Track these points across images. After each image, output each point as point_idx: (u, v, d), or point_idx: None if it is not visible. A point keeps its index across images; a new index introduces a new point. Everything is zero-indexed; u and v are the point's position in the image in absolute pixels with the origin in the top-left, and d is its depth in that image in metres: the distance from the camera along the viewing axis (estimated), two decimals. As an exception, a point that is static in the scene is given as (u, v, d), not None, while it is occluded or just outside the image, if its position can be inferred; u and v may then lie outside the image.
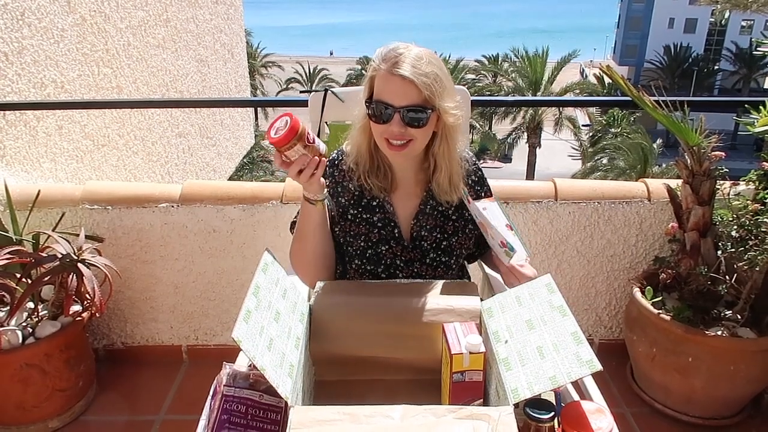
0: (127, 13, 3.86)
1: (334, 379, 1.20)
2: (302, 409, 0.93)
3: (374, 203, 1.41)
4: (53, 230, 2.11)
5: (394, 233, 1.41)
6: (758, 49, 2.16)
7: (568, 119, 25.35)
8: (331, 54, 65.44)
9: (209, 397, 1.04)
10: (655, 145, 19.83)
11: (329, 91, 1.86)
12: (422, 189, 1.42)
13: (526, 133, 25.58)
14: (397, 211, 1.42)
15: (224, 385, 1.02)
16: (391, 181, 1.40)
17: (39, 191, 2.19)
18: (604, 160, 22.39)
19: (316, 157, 1.20)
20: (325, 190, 1.32)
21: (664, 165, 19.48)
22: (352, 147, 1.40)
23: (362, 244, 1.42)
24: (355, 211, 1.42)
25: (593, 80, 31.02)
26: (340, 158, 1.44)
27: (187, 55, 4.96)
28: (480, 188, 1.48)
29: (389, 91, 1.26)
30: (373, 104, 1.28)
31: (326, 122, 1.87)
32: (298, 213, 1.45)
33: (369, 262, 1.42)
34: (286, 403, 0.94)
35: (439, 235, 1.42)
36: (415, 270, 1.42)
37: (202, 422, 1.01)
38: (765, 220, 1.89)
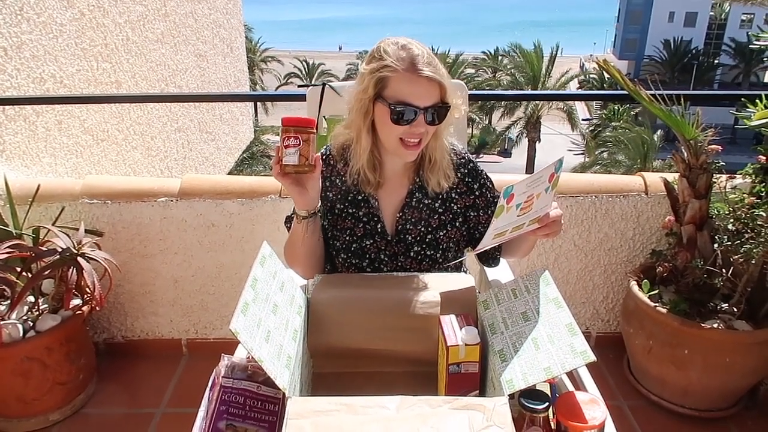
0: (126, 7, 3.86)
1: (331, 371, 1.22)
2: (299, 400, 0.94)
3: (360, 198, 1.42)
4: (53, 224, 2.12)
5: (377, 228, 1.41)
6: (755, 42, 2.16)
7: (566, 113, 25.34)
8: (340, 49, 63.65)
9: (207, 389, 1.05)
10: (655, 138, 19.81)
11: (327, 86, 1.86)
12: (409, 182, 1.42)
13: (525, 128, 25.59)
14: (382, 206, 1.42)
15: (222, 377, 1.03)
16: (379, 176, 1.40)
17: (39, 186, 2.20)
18: (604, 154, 22.39)
19: (304, 161, 1.19)
20: (316, 208, 1.32)
21: (666, 159, 19.48)
22: (348, 142, 1.40)
23: (348, 238, 1.42)
24: (342, 206, 1.43)
25: (594, 75, 31.01)
26: (328, 153, 1.45)
27: (186, 50, 4.95)
28: (472, 181, 1.45)
29: (415, 93, 1.25)
30: (396, 107, 1.25)
31: (324, 116, 1.88)
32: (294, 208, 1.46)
33: (354, 256, 1.42)
34: (283, 394, 0.95)
35: (423, 229, 1.42)
36: (400, 264, 1.42)
37: (201, 413, 1.02)
38: (761, 213, 1.90)
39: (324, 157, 1.45)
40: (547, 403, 0.94)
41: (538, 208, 1.17)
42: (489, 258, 1.52)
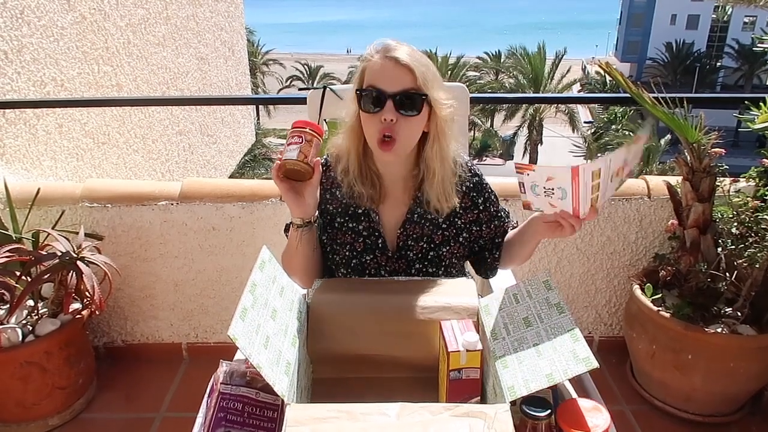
0: (127, 11, 3.86)
1: (332, 376, 1.20)
2: (298, 407, 0.93)
3: (360, 211, 1.39)
4: (53, 228, 2.11)
5: (378, 243, 1.39)
6: (759, 45, 2.14)
7: (569, 116, 25.35)
8: (348, 52, 62.51)
9: (206, 395, 1.04)
10: (662, 142, 19.75)
11: (328, 89, 1.85)
12: (410, 197, 1.38)
13: (527, 130, 25.62)
14: (383, 221, 1.39)
15: (221, 383, 1.02)
16: (379, 190, 1.37)
17: (39, 189, 2.19)
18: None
19: (303, 158, 1.19)
20: (312, 218, 1.31)
21: (668, 162, 19.42)
22: (341, 153, 1.38)
23: (347, 253, 1.40)
24: (342, 220, 1.40)
25: (596, 77, 31.03)
26: (328, 165, 1.43)
27: (188, 53, 4.95)
28: (477, 195, 1.42)
29: (382, 76, 1.23)
30: (364, 92, 1.24)
31: (325, 119, 1.87)
32: None
33: (354, 271, 1.40)
34: (282, 400, 0.94)
35: (425, 245, 1.38)
36: None
37: (199, 420, 1.01)
38: (765, 217, 1.89)
39: (323, 167, 1.41)
40: (549, 410, 0.92)
41: (606, 188, 1.16)
42: (487, 269, 1.50)
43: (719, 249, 2.01)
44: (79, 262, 2.00)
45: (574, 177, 1.08)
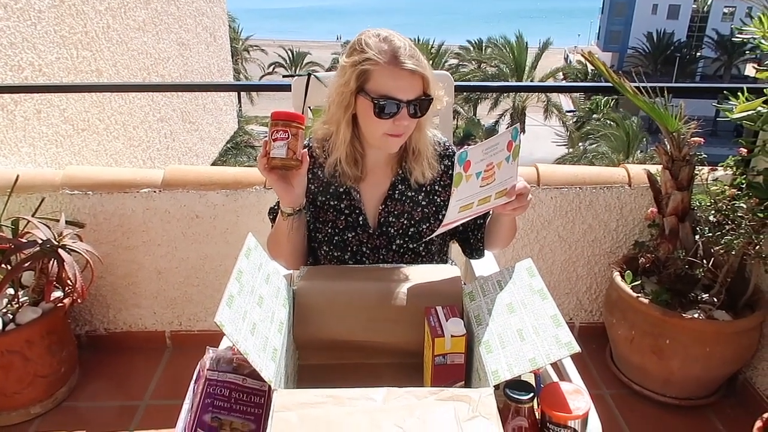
0: (107, -6, 3.78)
1: (317, 363, 1.21)
2: (285, 392, 0.94)
3: (341, 190, 1.41)
4: (33, 215, 2.08)
5: (359, 220, 1.41)
6: (738, 36, 2.17)
7: (554, 106, 25.45)
8: (338, 38, 61.29)
9: (192, 382, 1.04)
10: (634, 124, 19.93)
11: (312, 76, 1.85)
12: (392, 174, 1.42)
13: (509, 119, 25.68)
14: (364, 198, 1.42)
15: (207, 369, 1.02)
16: (362, 169, 1.40)
17: (18, 176, 2.16)
18: (588, 146, 22.52)
19: (291, 155, 1.19)
20: (301, 205, 1.33)
21: (648, 151, 19.64)
22: (326, 135, 1.39)
23: (329, 230, 1.42)
24: (324, 198, 1.42)
25: (578, 66, 31.17)
26: (310, 146, 1.44)
27: (169, 38, 4.88)
28: None
29: (398, 86, 1.25)
30: (380, 101, 1.25)
31: (309, 107, 1.86)
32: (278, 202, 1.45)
33: (336, 248, 1.42)
34: (269, 386, 0.95)
35: (406, 221, 1.41)
36: (382, 256, 1.42)
37: (186, 406, 1.01)
38: (742, 205, 1.93)
39: (305, 147, 1.43)
40: (531, 394, 0.94)
41: (502, 179, 1.15)
42: (472, 250, 1.51)
43: (697, 236, 2.05)
44: (60, 250, 1.98)
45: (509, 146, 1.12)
